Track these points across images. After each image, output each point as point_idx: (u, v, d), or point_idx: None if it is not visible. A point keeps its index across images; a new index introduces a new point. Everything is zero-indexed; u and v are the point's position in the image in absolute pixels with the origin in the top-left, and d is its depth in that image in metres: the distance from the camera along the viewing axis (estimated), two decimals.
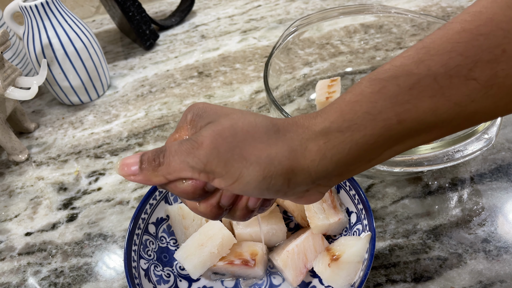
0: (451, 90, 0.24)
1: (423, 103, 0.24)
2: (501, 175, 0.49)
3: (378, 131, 0.25)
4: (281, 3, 0.93)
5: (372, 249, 0.36)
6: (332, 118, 0.26)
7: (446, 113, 0.24)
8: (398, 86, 0.25)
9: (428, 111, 0.24)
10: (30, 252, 0.49)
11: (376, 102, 0.25)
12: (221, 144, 0.25)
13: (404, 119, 0.25)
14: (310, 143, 0.26)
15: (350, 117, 0.25)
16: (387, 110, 0.25)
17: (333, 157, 0.26)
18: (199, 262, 0.39)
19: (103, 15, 1.02)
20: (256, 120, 0.27)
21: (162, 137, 0.62)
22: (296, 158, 0.26)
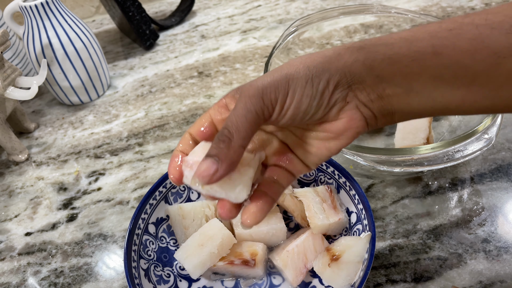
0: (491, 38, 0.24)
1: (461, 42, 0.25)
2: (501, 175, 0.49)
3: (413, 54, 0.26)
4: (281, 3, 0.93)
5: (372, 249, 0.36)
6: (367, 41, 0.28)
7: (485, 61, 0.25)
8: (440, 26, 0.26)
9: (466, 52, 0.25)
10: (30, 252, 0.49)
11: (414, 33, 0.26)
12: (267, 78, 0.27)
13: (440, 51, 0.25)
14: (343, 50, 0.28)
15: (385, 39, 0.27)
16: (423, 40, 0.26)
17: (366, 61, 0.27)
18: (199, 262, 0.39)
19: (103, 15, 1.02)
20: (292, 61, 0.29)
21: (162, 137, 0.62)
22: (330, 61, 0.27)
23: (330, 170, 0.44)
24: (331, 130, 0.29)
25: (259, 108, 0.26)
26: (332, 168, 0.43)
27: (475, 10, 0.79)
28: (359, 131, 0.29)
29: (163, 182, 0.45)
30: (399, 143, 0.50)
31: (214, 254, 0.40)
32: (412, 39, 0.26)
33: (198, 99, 0.69)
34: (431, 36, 0.26)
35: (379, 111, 0.29)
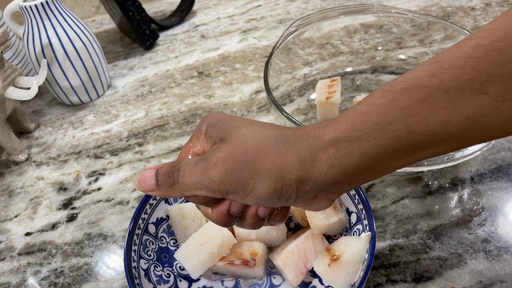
0: (463, 103, 0.24)
1: (433, 116, 0.24)
2: (501, 175, 0.49)
3: (388, 141, 0.25)
4: (281, 3, 0.93)
5: (372, 249, 0.36)
6: (342, 128, 0.26)
7: (457, 126, 0.24)
8: (410, 98, 0.25)
9: (438, 123, 0.24)
10: (30, 252, 0.49)
11: (387, 113, 0.25)
12: (233, 164, 0.26)
13: (414, 131, 0.25)
14: (320, 153, 0.27)
15: (360, 127, 0.26)
16: (397, 122, 0.25)
17: (341, 166, 0.26)
18: (199, 262, 0.39)
19: (103, 15, 1.02)
20: (265, 133, 0.28)
21: (162, 137, 0.62)
22: (305, 168, 0.27)
23: None
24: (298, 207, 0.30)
25: (212, 192, 0.27)
26: None
27: (475, 10, 0.79)
28: (326, 207, 0.30)
29: None
30: None
31: (214, 254, 0.40)
32: (385, 122, 0.25)
33: (198, 99, 0.69)
34: (403, 115, 0.25)
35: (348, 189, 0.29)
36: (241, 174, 0.26)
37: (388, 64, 0.66)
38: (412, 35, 0.66)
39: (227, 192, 0.27)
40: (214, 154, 0.27)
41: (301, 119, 0.59)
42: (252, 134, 0.28)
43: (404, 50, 0.67)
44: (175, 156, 0.59)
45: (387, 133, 0.25)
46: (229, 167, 0.26)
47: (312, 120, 0.59)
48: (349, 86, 0.64)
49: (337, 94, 0.56)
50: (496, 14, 0.77)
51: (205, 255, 0.39)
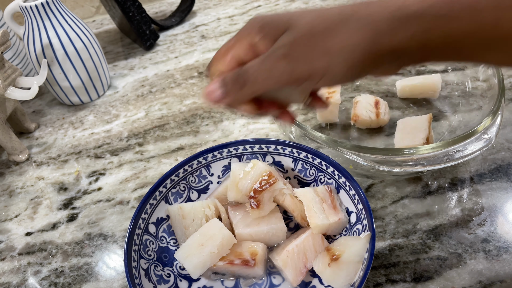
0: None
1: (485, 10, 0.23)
2: (501, 175, 0.49)
3: (473, 28, 0.24)
4: (281, 3, 0.93)
5: (372, 249, 0.36)
6: (431, 1, 0.25)
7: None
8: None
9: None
10: (30, 252, 0.50)
11: (480, 1, 0.24)
12: (302, 50, 0.26)
13: (501, 24, 0.24)
14: (401, 24, 0.25)
15: (449, 5, 0.24)
16: (488, 10, 0.24)
17: (421, 40, 0.25)
18: (199, 262, 0.39)
19: (103, 15, 1.02)
20: (332, 14, 0.26)
21: (162, 137, 0.62)
22: (381, 41, 0.25)
23: (330, 170, 0.44)
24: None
25: (285, 83, 0.26)
26: (332, 168, 0.43)
27: None
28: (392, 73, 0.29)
29: (163, 182, 0.45)
30: (399, 143, 0.51)
31: (214, 254, 0.40)
32: (478, 7, 0.24)
33: (198, 99, 0.69)
34: (496, 5, 0.24)
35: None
36: (313, 57, 0.26)
37: None
38: None
39: (302, 79, 0.26)
40: (281, 44, 0.26)
41: (301, 119, 0.60)
42: (318, 18, 0.26)
43: None
44: (175, 156, 0.59)
45: (475, 19, 0.24)
46: (298, 53, 0.26)
47: (312, 120, 0.59)
48: (348, 87, 0.64)
49: (337, 94, 0.56)
50: None
51: (205, 255, 0.39)
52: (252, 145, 0.47)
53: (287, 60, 0.26)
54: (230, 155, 0.48)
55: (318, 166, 0.45)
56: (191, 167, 0.47)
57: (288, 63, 0.26)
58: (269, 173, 0.41)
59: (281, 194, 0.43)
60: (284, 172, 0.48)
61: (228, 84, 0.28)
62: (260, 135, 0.60)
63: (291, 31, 0.26)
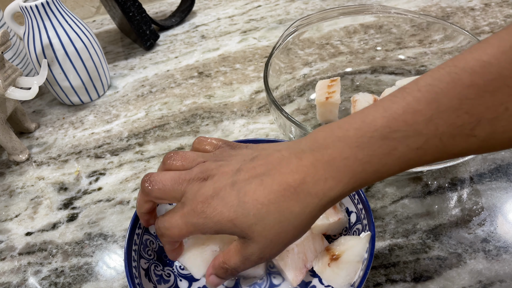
0: (453, 147, 0.26)
1: (426, 158, 0.27)
2: (501, 175, 0.49)
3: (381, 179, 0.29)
4: (281, 3, 0.93)
5: (371, 248, 0.36)
6: (344, 181, 0.28)
7: (444, 160, 0.28)
8: (408, 147, 0.27)
9: (428, 162, 0.28)
10: (30, 252, 0.50)
11: (386, 163, 0.28)
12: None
13: (404, 169, 0.28)
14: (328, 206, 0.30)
15: (362, 177, 0.28)
16: (394, 168, 0.28)
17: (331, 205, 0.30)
18: (202, 261, 0.39)
19: (103, 15, 1.03)
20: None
21: (162, 137, 0.62)
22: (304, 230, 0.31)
23: None
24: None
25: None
26: None
27: (474, 10, 0.79)
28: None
29: None
30: None
31: (216, 252, 0.40)
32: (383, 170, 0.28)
33: (198, 99, 0.69)
34: (400, 163, 0.28)
35: None
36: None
37: (388, 64, 0.66)
38: (411, 35, 0.66)
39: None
40: (252, 253, 0.32)
41: (301, 119, 0.60)
42: (266, 228, 0.30)
43: (404, 50, 0.67)
44: None
45: (382, 178, 0.29)
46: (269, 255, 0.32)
47: (312, 120, 0.59)
48: (348, 86, 0.64)
49: (337, 94, 0.56)
50: (496, 15, 0.77)
51: (207, 254, 0.39)
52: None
53: (262, 259, 0.33)
54: None
55: None
56: None
57: (263, 259, 0.33)
58: None
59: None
60: None
61: (224, 276, 0.35)
62: (260, 135, 0.60)
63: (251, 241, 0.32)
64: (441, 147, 0.26)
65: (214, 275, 0.35)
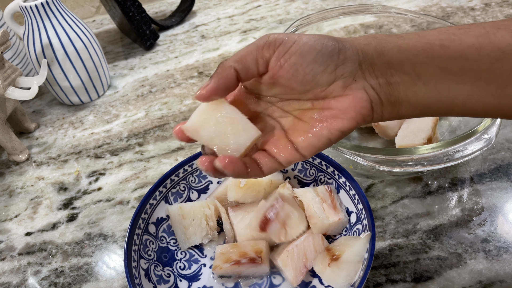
0: (497, 36, 0.26)
1: (467, 38, 0.26)
2: (501, 175, 0.49)
3: (421, 45, 0.27)
4: (281, 3, 0.93)
5: (372, 249, 0.36)
6: (381, 34, 0.29)
7: (489, 55, 0.26)
8: (449, 27, 0.27)
9: (471, 46, 0.26)
10: (30, 252, 0.50)
11: (425, 31, 0.28)
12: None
13: (447, 45, 0.27)
14: (359, 37, 0.29)
15: (397, 35, 0.28)
16: (432, 35, 0.27)
17: (377, 46, 0.28)
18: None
19: (103, 15, 1.02)
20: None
21: (162, 137, 0.62)
22: (344, 39, 0.29)
23: (330, 170, 0.44)
24: (335, 106, 0.29)
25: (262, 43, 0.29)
26: (332, 168, 0.43)
27: (474, 10, 0.79)
28: (363, 112, 0.29)
29: (163, 182, 0.45)
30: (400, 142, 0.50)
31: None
32: (422, 34, 0.28)
33: None
34: (440, 32, 0.27)
35: (385, 97, 0.29)
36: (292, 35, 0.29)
37: None
38: None
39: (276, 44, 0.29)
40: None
41: None
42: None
43: None
44: (175, 156, 0.59)
45: (421, 39, 0.28)
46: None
47: None
48: None
49: None
50: (496, 15, 0.77)
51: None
52: None
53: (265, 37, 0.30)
54: None
55: (318, 166, 0.45)
56: (191, 167, 0.47)
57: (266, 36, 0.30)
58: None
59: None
60: (284, 172, 0.48)
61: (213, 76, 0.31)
62: None
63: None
64: (484, 32, 0.26)
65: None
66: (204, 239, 0.44)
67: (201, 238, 0.44)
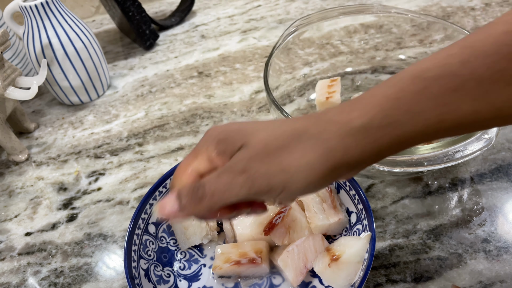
0: (493, 94, 0.24)
1: (465, 106, 0.24)
2: (501, 175, 0.49)
3: (419, 129, 0.25)
4: (281, 3, 0.93)
5: (372, 249, 0.36)
6: (371, 114, 0.26)
7: (486, 115, 0.24)
8: (442, 87, 0.24)
9: (469, 113, 0.24)
10: (30, 252, 0.49)
11: (419, 102, 0.25)
12: (259, 166, 0.26)
13: (444, 119, 0.25)
14: (348, 139, 0.26)
15: (391, 114, 0.25)
16: (429, 111, 0.25)
17: (373, 150, 0.26)
18: None
19: (103, 15, 1.02)
20: (285, 132, 0.27)
21: (162, 137, 0.62)
22: (335, 157, 0.26)
23: None
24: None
25: (244, 198, 0.27)
26: None
27: (475, 10, 0.79)
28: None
29: (163, 182, 0.45)
30: None
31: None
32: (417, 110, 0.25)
33: (198, 99, 0.69)
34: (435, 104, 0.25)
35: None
36: (270, 174, 0.26)
37: (388, 64, 0.66)
38: (412, 35, 0.66)
39: (259, 195, 0.27)
40: (238, 161, 0.27)
41: None
42: (272, 135, 0.27)
43: (404, 50, 0.67)
44: (175, 156, 0.59)
45: (418, 121, 0.25)
46: (256, 170, 0.26)
47: None
48: (349, 86, 0.64)
49: (337, 94, 0.56)
50: (496, 14, 0.77)
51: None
52: None
53: (245, 175, 0.26)
54: None
55: None
56: None
57: (246, 178, 0.26)
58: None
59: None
60: None
61: (184, 198, 0.28)
62: None
63: (246, 148, 0.27)
64: (481, 93, 0.24)
65: (175, 195, 0.29)
66: (204, 239, 0.44)
67: (201, 238, 0.44)
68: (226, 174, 0.27)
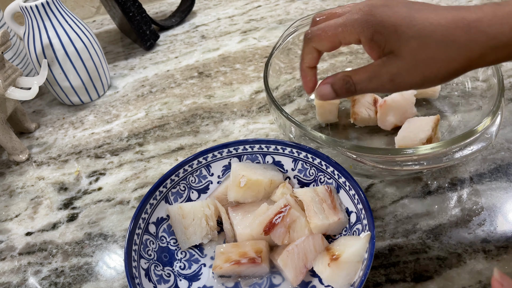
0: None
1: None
2: (501, 175, 0.49)
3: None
4: (281, 3, 0.93)
5: (371, 248, 0.36)
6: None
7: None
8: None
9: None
10: (30, 252, 0.50)
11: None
12: (405, 77, 0.32)
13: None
14: (491, 51, 0.29)
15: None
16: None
17: (504, 57, 0.30)
18: None
19: (103, 15, 1.03)
20: (436, 41, 0.30)
21: (163, 137, 0.62)
22: (471, 64, 0.30)
23: (330, 170, 0.44)
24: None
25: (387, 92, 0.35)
26: (331, 168, 0.44)
27: None
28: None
29: (163, 182, 0.45)
30: (400, 142, 0.51)
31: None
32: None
33: (198, 99, 0.69)
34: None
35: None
36: (411, 85, 0.32)
37: None
38: None
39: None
40: (387, 72, 0.32)
41: (301, 119, 0.60)
42: (422, 45, 0.30)
43: None
44: (175, 155, 0.59)
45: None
46: (402, 80, 0.32)
47: (312, 120, 0.59)
48: None
49: None
50: None
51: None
52: (252, 145, 0.47)
53: (392, 84, 0.32)
54: (230, 155, 0.48)
55: (318, 166, 0.45)
56: (191, 167, 0.47)
57: (392, 86, 0.32)
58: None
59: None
60: (284, 172, 0.48)
61: (339, 91, 0.35)
62: (260, 135, 0.60)
63: (397, 58, 0.31)
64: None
65: (330, 84, 0.35)
66: (204, 239, 0.44)
67: (201, 238, 0.44)
68: (376, 80, 0.32)
